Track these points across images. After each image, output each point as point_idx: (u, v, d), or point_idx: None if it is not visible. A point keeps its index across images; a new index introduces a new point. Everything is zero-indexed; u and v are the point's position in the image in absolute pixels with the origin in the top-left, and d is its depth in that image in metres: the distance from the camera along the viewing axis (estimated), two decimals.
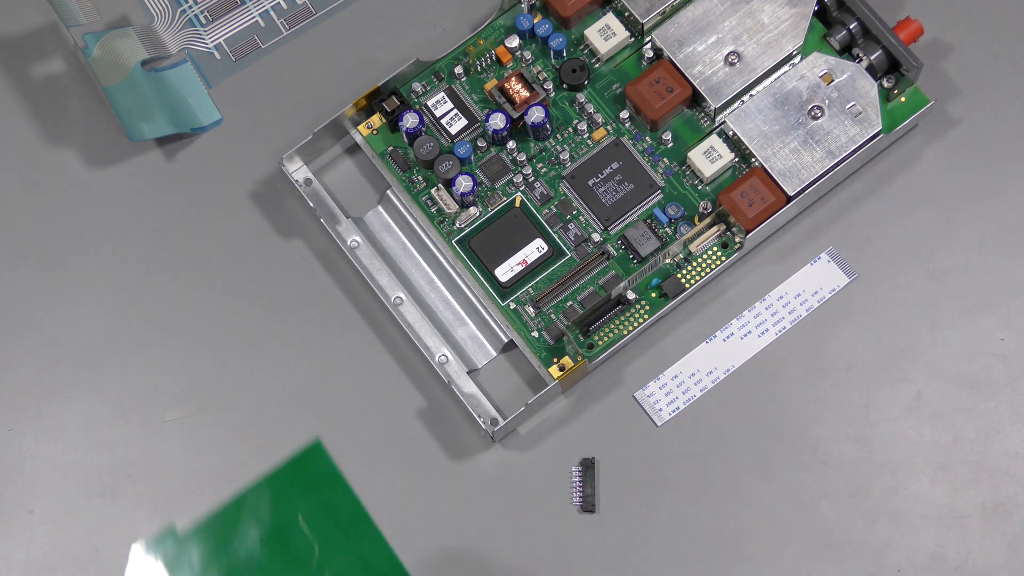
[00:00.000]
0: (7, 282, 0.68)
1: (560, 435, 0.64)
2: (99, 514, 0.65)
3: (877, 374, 0.64)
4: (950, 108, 0.68)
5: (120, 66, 0.68)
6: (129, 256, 0.68)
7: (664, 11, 0.66)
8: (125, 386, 0.66)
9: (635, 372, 0.65)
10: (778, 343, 0.65)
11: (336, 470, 0.64)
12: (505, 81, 0.66)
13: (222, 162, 0.69)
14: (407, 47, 0.70)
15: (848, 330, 0.65)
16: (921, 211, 0.66)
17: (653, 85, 0.65)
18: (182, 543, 0.64)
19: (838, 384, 0.64)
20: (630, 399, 0.65)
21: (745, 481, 0.63)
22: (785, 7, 0.65)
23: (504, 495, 0.64)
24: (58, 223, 0.68)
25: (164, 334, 0.67)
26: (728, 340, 0.65)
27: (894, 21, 0.66)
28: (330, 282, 0.67)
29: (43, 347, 0.67)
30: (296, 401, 0.65)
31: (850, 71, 0.65)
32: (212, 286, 0.67)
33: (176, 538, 0.64)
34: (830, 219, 0.66)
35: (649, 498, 0.63)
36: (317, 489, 0.64)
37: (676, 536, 0.63)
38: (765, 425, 0.64)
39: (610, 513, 0.63)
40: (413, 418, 0.65)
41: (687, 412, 0.65)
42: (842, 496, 0.63)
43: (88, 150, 0.70)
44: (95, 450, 0.65)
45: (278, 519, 0.64)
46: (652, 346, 0.65)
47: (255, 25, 0.71)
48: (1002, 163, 0.67)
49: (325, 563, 0.63)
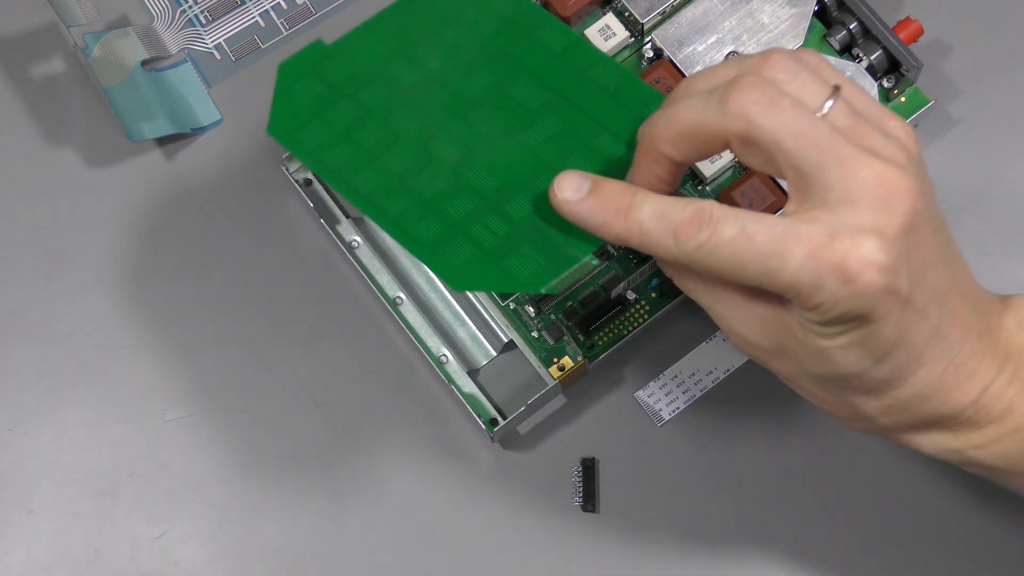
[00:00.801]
0: (7, 282, 0.68)
1: (560, 435, 0.64)
2: (99, 514, 0.65)
3: None
4: (950, 108, 0.68)
5: (120, 66, 0.68)
6: (129, 256, 0.68)
7: (664, 11, 0.66)
8: (125, 386, 0.66)
9: (635, 372, 0.65)
10: None
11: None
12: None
13: (222, 162, 0.69)
14: None
15: None
16: None
17: (653, 85, 0.65)
18: None
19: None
20: (630, 399, 0.65)
21: (745, 481, 0.63)
22: (785, 7, 0.65)
23: (504, 495, 0.64)
24: (58, 223, 0.68)
25: (164, 334, 0.67)
26: (728, 340, 0.65)
27: (894, 21, 0.66)
28: (330, 282, 0.67)
29: (43, 347, 0.67)
30: (296, 401, 0.65)
31: (850, 71, 0.65)
32: (212, 286, 0.67)
33: None
34: None
35: (649, 498, 0.63)
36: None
37: (676, 536, 0.63)
38: (765, 425, 0.64)
39: (610, 513, 0.63)
40: (413, 418, 0.65)
41: (687, 412, 0.65)
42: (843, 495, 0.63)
43: (88, 150, 0.70)
44: (95, 450, 0.65)
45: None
46: (652, 346, 0.65)
47: (255, 25, 0.71)
48: (1002, 163, 0.67)
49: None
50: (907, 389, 0.51)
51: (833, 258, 0.47)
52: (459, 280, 0.54)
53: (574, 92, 0.56)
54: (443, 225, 0.55)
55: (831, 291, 0.47)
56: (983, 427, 0.52)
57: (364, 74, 0.58)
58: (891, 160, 0.48)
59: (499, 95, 0.57)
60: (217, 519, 0.64)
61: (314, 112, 0.57)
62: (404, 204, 0.55)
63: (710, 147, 0.50)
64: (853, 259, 0.47)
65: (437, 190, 0.55)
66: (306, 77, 0.58)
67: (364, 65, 0.58)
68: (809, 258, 0.47)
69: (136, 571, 0.64)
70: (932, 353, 0.50)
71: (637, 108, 0.55)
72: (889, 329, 0.49)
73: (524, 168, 0.55)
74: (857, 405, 0.52)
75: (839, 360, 0.50)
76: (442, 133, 0.56)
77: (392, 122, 0.57)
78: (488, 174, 0.55)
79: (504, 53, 0.58)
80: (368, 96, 0.57)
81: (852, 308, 0.48)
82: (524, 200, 0.55)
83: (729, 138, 0.49)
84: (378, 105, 0.57)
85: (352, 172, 0.56)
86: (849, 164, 0.47)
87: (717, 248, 0.48)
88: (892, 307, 0.48)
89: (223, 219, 0.68)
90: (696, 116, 0.49)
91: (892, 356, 0.50)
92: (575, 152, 0.55)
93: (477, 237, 0.55)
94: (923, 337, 0.50)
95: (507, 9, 0.58)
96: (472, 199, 0.55)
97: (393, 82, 0.58)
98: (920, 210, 0.48)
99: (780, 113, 0.48)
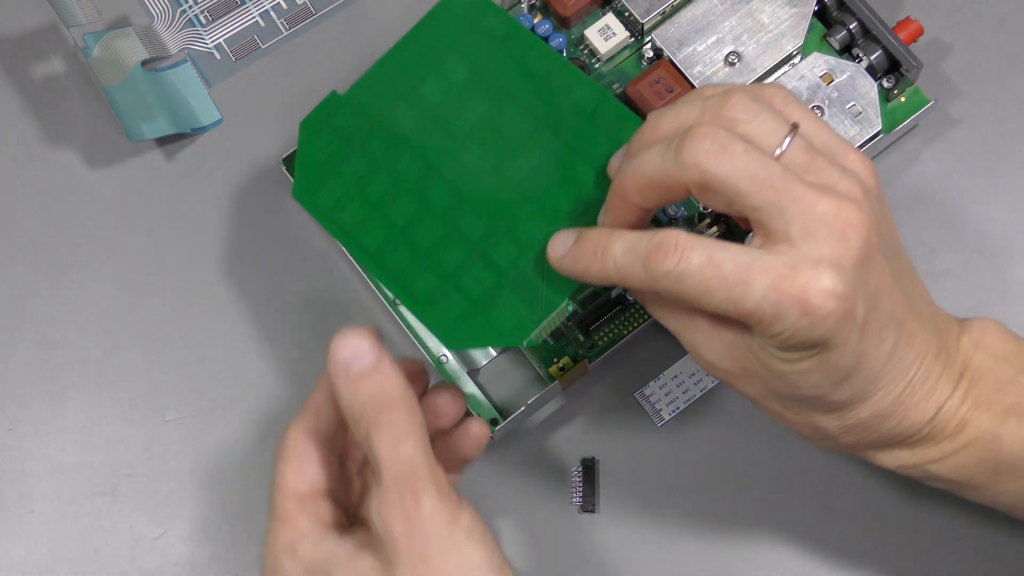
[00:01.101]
0: (7, 282, 0.68)
1: (560, 435, 0.64)
2: (99, 514, 0.65)
3: None
4: (950, 108, 0.68)
5: (120, 66, 0.68)
6: (129, 256, 0.68)
7: (664, 11, 0.66)
8: (125, 386, 0.66)
9: (635, 372, 0.65)
10: None
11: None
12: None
13: (222, 162, 0.69)
14: None
15: None
16: (921, 211, 0.66)
17: (653, 85, 0.65)
18: None
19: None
20: (630, 399, 0.65)
21: (745, 481, 0.63)
22: (785, 7, 0.65)
23: (504, 495, 0.64)
24: (58, 223, 0.68)
25: (164, 334, 0.67)
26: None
27: (894, 21, 0.66)
28: (330, 282, 0.67)
29: (43, 347, 0.67)
30: (296, 401, 0.65)
31: (850, 71, 0.65)
32: (212, 286, 0.67)
33: None
34: None
35: (649, 498, 0.63)
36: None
37: (676, 536, 0.63)
38: (765, 425, 0.64)
39: (610, 513, 0.63)
40: None
41: (687, 412, 0.65)
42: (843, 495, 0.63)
43: (88, 150, 0.70)
44: (95, 450, 0.65)
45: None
46: (652, 346, 0.65)
47: (255, 25, 0.71)
48: (1002, 163, 0.67)
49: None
50: (867, 410, 0.53)
51: (793, 289, 0.49)
52: (453, 339, 0.57)
53: (556, 118, 0.59)
54: (438, 279, 0.58)
55: (791, 320, 0.49)
56: (939, 443, 0.54)
57: (372, 122, 0.61)
58: (846, 195, 0.50)
59: (488, 127, 0.60)
60: (217, 519, 0.64)
61: (331, 170, 0.61)
62: (405, 259, 0.59)
63: (673, 195, 0.51)
64: (812, 291, 0.49)
65: (434, 240, 0.59)
66: (324, 133, 0.62)
67: (372, 112, 0.61)
68: (771, 289, 0.49)
69: (136, 571, 0.64)
70: (890, 375, 0.52)
71: (612, 131, 0.58)
72: (847, 355, 0.51)
73: (508, 209, 0.58)
74: (819, 425, 0.54)
75: (800, 383, 0.52)
76: (437, 178, 0.60)
77: (396, 171, 0.60)
78: (476, 218, 0.58)
79: (494, 83, 0.60)
80: (376, 145, 0.61)
81: (811, 336, 0.50)
82: (509, 246, 0.58)
83: (688, 187, 0.50)
84: (384, 154, 0.61)
85: (362, 230, 0.60)
86: (805, 201, 0.49)
87: (685, 275, 0.50)
88: (850, 334, 0.50)
89: (223, 219, 0.68)
90: (656, 168, 0.51)
91: (851, 379, 0.52)
92: (555, 187, 0.58)
93: (467, 288, 0.58)
94: (880, 360, 0.52)
95: (499, 32, 0.61)
96: (463, 248, 0.58)
97: (397, 127, 0.61)
98: (874, 241, 0.50)
99: (732, 159, 0.49)
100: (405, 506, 0.50)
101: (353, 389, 0.51)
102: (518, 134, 0.59)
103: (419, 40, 0.63)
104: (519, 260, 0.57)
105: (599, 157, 0.58)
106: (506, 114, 0.60)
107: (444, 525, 0.50)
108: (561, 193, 0.58)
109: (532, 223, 0.58)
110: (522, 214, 0.58)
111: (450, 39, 0.62)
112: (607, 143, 0.58)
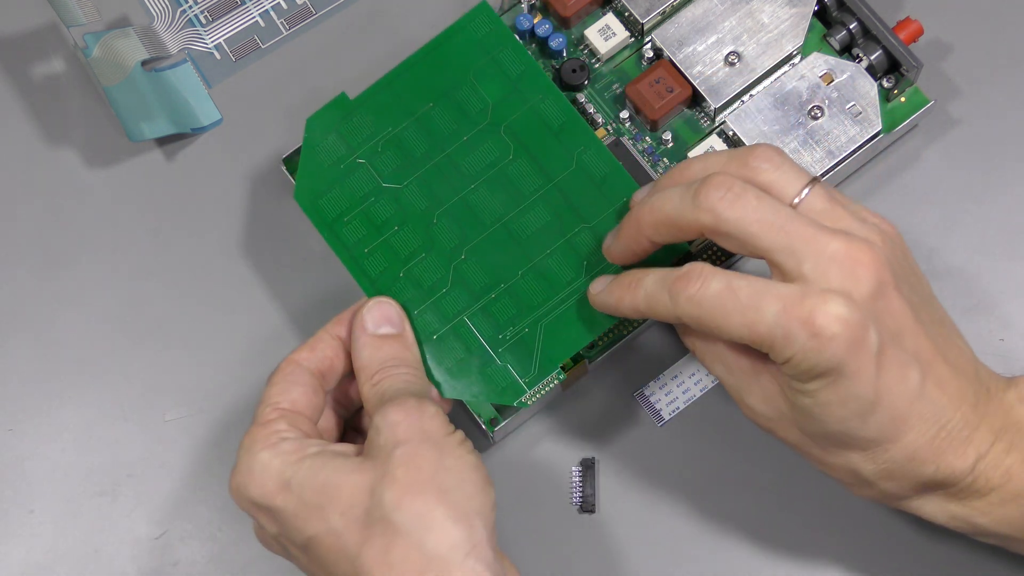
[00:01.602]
0: (7, 282, 0.68)
1: (560, 435, 0.64)
2: (99, 514, 0.65)
3: None
4: (950, 108, 0.68)
5: (120, 66, 0.68)
6: (129, 256, 0.68)
7: (664, 11, 0.66)
8: (125, 386, 0.66)
9: (635, 372, 0.65)
10: None
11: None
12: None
13: (222, 162, 0.69)
14: (407, 47, 0.70)
15: None
16: (921, 211, 0.66)
17: (653, 85, 0.65)
18: None
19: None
20: (630, 399, 0.65)
21: (745, 481, 0.63)
22: (785, 7, 0.65)
23: (504, 495, 0.64)
24: (58, 223, 0.68)
25: (164, 334, 0.67)
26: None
27: (894, 21, 0.66)
28: (330, 282, 0.67)
29: (43, 347, 0.67)
30: None
31: (850, 71, 0.65)
32: (212, 286, 0.67)
33: None
34: None
35: (649, 498, 0.63)
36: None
37: (676, 536, 0.63)
38: None
39: (610, 513, 0.63)
40: None
41: (687, 412, 0.65)
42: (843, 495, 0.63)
43: (88, 150, 0.70)
44: (95, 450, 0.65)
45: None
46: (652, 346, 0.65)
47: (255, 25, 0.71)
48: (1002, 163, 0.67)
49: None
50: (900, 451, 0.54)
51: (801, 313, 0.51)
52: (447, 386, 0.60)
53: (565, 179, 0.62)
54: (438, 321, 0.61)
55: (800, 344, 0.51)
56: (985, 494, 0.55)
57: (381, 137, 0.63)
58: (860, 237, 0.53)
59: (499, 174, 0.62)
60: (217, 519, 0.64)
61: (335, 179, 0.62)
62: (407, 293, 0.61)
63: (685, 235, 0.55)
64: (819, 314, 0.51)
65: (435, 280, 0.61)
66: (330, 135, 0.63)
67: (382, 126, 0.63)
68: (782, 312, 0.51)
69: (136, 571, 0.64)
70: (920, 415, 0.53)
71: (618, 201, 0.61)
72: (863, 385, 0.52)
73: (511, 266, 0.61)
74: (856, 468, 0.55)
75: (824, 417, 0.53)
76: (445, 217, 0.62)
77: (403, 199, 0.62)
78: (480, 268, 0.61)
79: (508, 127, 0.62)
80: (383, 164, 0.62)
81: (820, 360, 0.51)
82: (509, 303, 0.61)
83: (701, 229, 0.54)
84: (392, 175, 0.62)
85: (364, 253, 0.61)
86: (817, 241, 0.52)
87: (705, 299, 0.53)
88: (862, 363, 0.52)
89: (223, 219, 0.68)
90: (673, 208, 0.54)
91: (875, 415, 0.53)
92: (558, 252, 0.61)
93: (465, 337, 0.60)
94: (905, 398, 0.53)
95: (516, 69, 0.63)
96: (464, 296, 0.61)
97: (407, 151, 0.63)
98: (887, 280, 0.53)
99: (744, 205, 0.52)
100: (407, 406, 0.54)
101: (377, 346, 0.58)
102: (527, 188, 0.62)
103: (435, 58, 0.64)
104: (518, 319, 0.60)
105: (602, 227, 0.61)
106: (518, 163, 0.62)
107: (442, 425, 0.54)
108: (563, 260, 0.61)
109: (532, 286, 0.61)
110: (524, 276, 0.61)
111: (466, 64, 0.63)
112: (612, 215, 0.61)
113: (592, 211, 0.61)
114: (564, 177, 0.62)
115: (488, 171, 0.62)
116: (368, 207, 0.62)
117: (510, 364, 0.60)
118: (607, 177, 0.61)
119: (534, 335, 0.60)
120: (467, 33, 0.64)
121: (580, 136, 0.62)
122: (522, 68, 0.63)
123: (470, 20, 0.64)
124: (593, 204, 0.61)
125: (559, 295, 0.60)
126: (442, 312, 0.61)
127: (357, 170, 0.62)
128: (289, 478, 0.54)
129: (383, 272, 0.61)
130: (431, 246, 0.61)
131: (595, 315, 0.60)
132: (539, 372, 0.60)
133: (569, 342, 0.60)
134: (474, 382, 0.60)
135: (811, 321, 0.51)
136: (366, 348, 0.58)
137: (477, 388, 0.60)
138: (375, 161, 0.62)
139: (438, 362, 0.60)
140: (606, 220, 0.61)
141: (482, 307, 0.61)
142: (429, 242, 0.61)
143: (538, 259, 0.61)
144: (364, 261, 0.62)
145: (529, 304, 0.60)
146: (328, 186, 0.62)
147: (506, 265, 0.61)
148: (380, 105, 0.63)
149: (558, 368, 0.60)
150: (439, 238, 0.62)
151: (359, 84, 0.68)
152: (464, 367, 0.60)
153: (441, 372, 0.60)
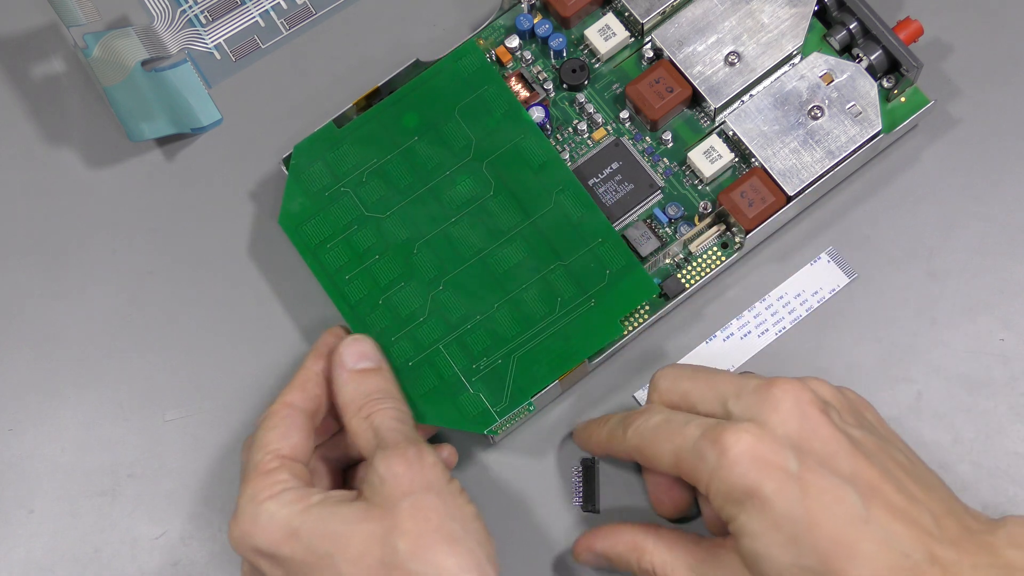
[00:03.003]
0: (7, 282, 0.68)
1: (560, 435, 0.64)
2: (99, 514, 0.65)
3: (877, 374, 0.64)
4: (950, 108, 0.68)
5: (120, 66, 0.68)
6: (129, 256, 0.68)
7: (664, 11, 0.66)
8: (125, 386, 0.66)
9: (635, 372, 0.65)
10: (778, 343, 0.65)
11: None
12: (505, 81, 0.66)
13: (222, 162, 0.69)
14: (407, 47, 0.70)
15: (848, 330, 0.65)
16: (921, 211, 0.66)
17: (653, 85, 0.65)
18: None
19: (838, 384, 0.64)
20: (630, 399, 0.65)
21: None
22: (785, 7, 0.65)
23: (505, 495, 0.64)
24: (58, 223, 0.68)
25: (164, 334, 0.67)
26: (728, 340, 0.65)
27: (894, 21, 0.66)
28: None
29: (43, 347, 0.67)
30: None
31: (850, 71, 0.65)
32: (212, 286, 0.67)
33: None
34: (830, 219, 0.66)
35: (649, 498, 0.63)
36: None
37: None
38: None
39: (610, 513, 0.63)
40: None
41: None
42: None
43: (88, 150, 0.70)
44: (95, 450, 0.65)
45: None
46: (652, 346, 0.65)
47: (255, 25, 0.71)
48: (1002, 163, 0.67)
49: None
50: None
51: (713, 434, 0.54)
52: (420, 413, 0.61)
53: (543, 217, 0.63)
54: (413, 349, 0.62)
55: (711, 463, 0.54)
56: None
57: (367, 167, 0.64)
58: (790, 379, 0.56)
59: (479, 209, 0.63)
60: (217, 519, 0.64)
61: (320, 206, 0.64)
62: (385, 320, 0.62)
63: (618, 455, 0.60)
64: (727, 433, 0.54)
65: (413, 309, 0.63)
66: (317, 163, 0.64)
67: (368, 157, 0.64)
68: (699, 437, 0.54)
69: (136, 571, 0.64)
70: (872, 539, 0.52)
71: (593, 241, 0.63)
72: (788, 505, 0.52)
73: (488, 300, 0.62)
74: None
75: (766, 553, 0.52)
76: (425, 248, 0.63)
77: (385, 228, 0.63)
78: (457, 299, 0.63)
79: (491, 162, 0.64)
80: (367, 193, 0.64)
81: (732, 479, 0.53)
82: (483, 335, 0.62)
83: (629, 452, 0.58)
84: (375, 206, 0.64)
85: (345, 280, 0.63)
86: (741, 383, 0.56)
87: (646, 429, 0.57)
88: (781, 483, 0.52)
89: (223, 219, 0.68)
90: (611, 435, 0.60)
91: (812, 537, 0.52)
92: (534, 287, 0.62)
93: (439, 366, 0.62)
94: (844, 521, 0.52)
95: (499, 108, 0.64)
96: (440, 326, 0.62)
97: (391, 181, 0.64)
98: (810, 405, 0.54)
99: (671, 439, 0.56)
100: (409, 456, 0.56)
101: (359, 380, 0.59)
102: (507, 223, 0.63)
103: (422, 92, 0.65)
104: (492, 351, 0.61)
105: (577, 265, 0.62)
106: (498, 199, 0.63)
107: (442, 475, 0.56)
108: (538, 296, 0.62)
109: (507, 320, 0.62)
110: (500, 310, 0.62)
111: (452, 99, 0.65)
112: (588, 255, 0.62)
113: (568, 249, 0.63)
114: (542, 215, 0.63)
115: (469, 205, 0.63)
116: (351, 235, 0.63)
117: (482, 393, 0.61)
118: (583, 217, 0.63)
119: (507, 367, 0.61)
120: (455, 69, 0.65)
121: (559, 175, 0.63)
122: (506, 106, 0.64)
123: (458, 57, 0.65)
124: (569, 243, 0.63)
125: (533, 329, 0.62)
126: (418, 341, 0.62)
127: (341, 198, 0.64)
128: (297, 527, 0.55)
129: (363, 299, 0.63)
130: (411, 276, 0.63)
131: (567, 351, 0.61)
132: (510, 402, 0.61)
133: (541, 375, 0.61)
134: (446, 409, 0.61)
135: (719, 440, 0.53)
136: (349, 384, 0.59)
137: (448, 415, 0.61)
138: (359, 190, 0.64)
139: (411, 389, 0.61)
140: (581, 259, 0.62)
141: (457, 337, 0.62)
142: (409, 272, 0.63)
143: (514, 293, 0.62)
144: (345, 287, 0.63)
145: (503, 336, 0.62)
146: (312, 212, 0.64)
147: (483, 298, 0.62)
148: (366, 136, 0.65)
149: (529, 400, 0.61)
150: (419, 268, 0.63)
151: (359, 84, 0.68)
152: (437, 394, 0.61)
153: (414, 398, 0.61)
